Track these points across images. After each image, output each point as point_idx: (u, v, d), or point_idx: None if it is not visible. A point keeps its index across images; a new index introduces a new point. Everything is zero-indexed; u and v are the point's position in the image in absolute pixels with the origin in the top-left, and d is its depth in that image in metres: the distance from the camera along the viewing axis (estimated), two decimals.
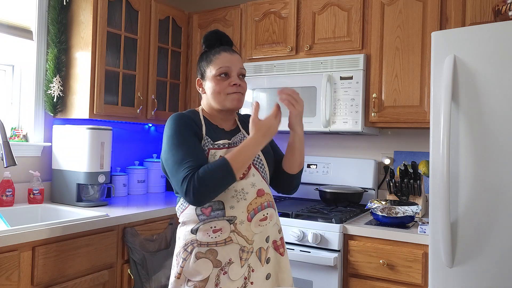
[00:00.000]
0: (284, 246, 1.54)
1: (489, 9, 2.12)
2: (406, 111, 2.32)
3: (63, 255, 1.86)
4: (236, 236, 1.40)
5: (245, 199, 1.42)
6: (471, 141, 1.71)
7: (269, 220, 1.47)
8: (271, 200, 1.50)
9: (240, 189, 1.42)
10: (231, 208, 1.41)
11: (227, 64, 1.48)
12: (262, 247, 1.45)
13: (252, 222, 1.42)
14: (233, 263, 1.40)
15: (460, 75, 1.74)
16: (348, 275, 2.13)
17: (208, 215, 1.42)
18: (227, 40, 1.56)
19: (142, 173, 2.96)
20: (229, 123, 1.56)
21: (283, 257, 1.52)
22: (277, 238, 1.51)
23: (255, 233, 1.43)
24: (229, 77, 1.48)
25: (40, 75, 2.49)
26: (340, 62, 2.47)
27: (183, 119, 1.45)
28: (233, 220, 1.40)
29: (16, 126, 2.49)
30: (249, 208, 1.42)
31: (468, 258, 1.71)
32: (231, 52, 1.51)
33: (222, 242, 1.40)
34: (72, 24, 2.50)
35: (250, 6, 2.81)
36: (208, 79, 1.50)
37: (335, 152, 2.90)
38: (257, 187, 1.45)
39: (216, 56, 1.49)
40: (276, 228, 1.51)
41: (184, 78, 3.08)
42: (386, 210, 2.12)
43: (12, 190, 2.22)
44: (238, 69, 1.49)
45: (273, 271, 1.49)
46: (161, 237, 2.33)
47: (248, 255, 1.42)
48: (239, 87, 1.48)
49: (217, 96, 1.48)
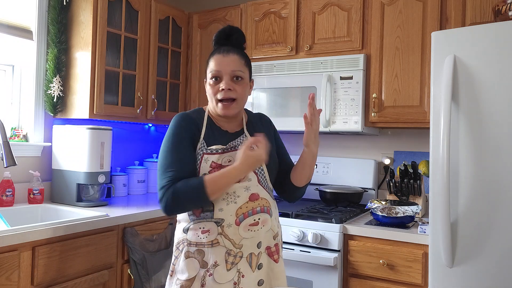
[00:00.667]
0: (279, 252, 1.51)
1: (489, 9, 2.12)
2: (406, 111, 2.32)
3: (63, 255, 1.86)
4: (223, 239, 1.39)
5: (235, 203, 1.40)
6: (471, 141, 1.71)
7: (261, 226, 1.43)
8: (266, 206, 1.46)
9: (232, 192, 1.41)
10: (220, 211, 1.40)
11: (217, 67, 1.44)
12: (253, 253, 1.43)
13: (241, 226, 1.40)
14: (218, 265, 1.39)
15: (460, 75, 1.74)
16: (348, 275, 2.13)
17: (198, 215, 1.42)
18: (237, 37, 1.50)
19: (142, 173, 2.96)
20: (233, 125, 1.53)
21: (277, 264, 1.49)
22: (271, 244, 1.48)
23: (244, 238, 1.40)
24: (220, 81, 1.45)
25: (40, 75, 2.49)
26: (340, 62, 2.47)
27: (183, 122, 1.45)
28: (220, 222, 1.39)
29: (16, 126, 2.49)
30: (238, 212, 1.40)
31: (468, 258, 1.71)
32: (225, 53, 1.45)
33: (209, 243, 1.40)
34: (72, 24, 2.50)
35: (250, 6, 2.81)
36: (206, 83, 1.51)
37: (335, 152, 2.90)
38: (250, 191, 1.43)
39: (210, 58, 1.48)
40: (270, 234, 1.47)
41: (184, 78, 3.08)
42: (386, 210, 2.12)
43: (12, 190, 2.22)
44: (230, 71, 1.44)
45: (266, 278, 1.46)
46: (161, 237, 2.33)
47: (236, 260, 1.40)
48: (229, 91, 1.43)
49: (210, 102, 1.49)
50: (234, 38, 1.50)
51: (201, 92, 3.00)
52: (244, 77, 1.47)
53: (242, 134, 1.52)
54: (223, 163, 1.42)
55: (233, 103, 1.45)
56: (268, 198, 1.48)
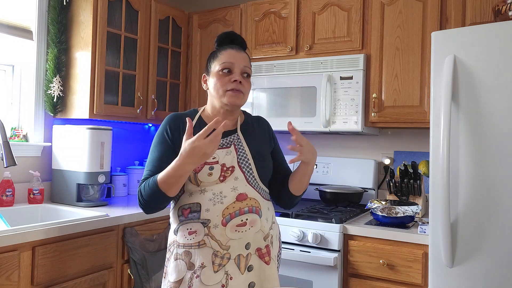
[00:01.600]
0: (270, 254, 1.47)
1: (489, 9, 2.12)
2: (406, 111, 2.32)
3: (63, 255, 1.86)
4: (210, 240, 1.38)
5: (222, 203, 1.39)
6: (471, 141, 1.71)
7: (249, 227, 1.40)
8: (255, 206, 1.43)
9: (219, 192, 1.39)
10: (206, 211, 1.38)
11: (231, 60, 1.46)
12: (241, 254, 1.40)
13: (227, 227, 1.38)
14: (205, 267, 1.37)
15: (460, 75, 1.74)
16: (348, 275, 2.13)
17: (186, 216, 1.41)
18: (240, 41, 1.54)
19: (142, 173, 2.96)
20: (229, 124, 1.53)
21: (268, 265, 1.45)
22: (262, 245, 1.44)
23: (231, 239, 1.38)
24: (231, 73, 1.45)
25: (40, 75, 2.49)
26: (340, 62, 2.47)
27: (170, 122, 1.47)
28: (207, 223, 1.38)
29: (16, 126, 2.49)
30: (224, 213, 1.38)
31: (468, 258, 1.71)
32: (238, 49, 1.49)
33: (196, 244, 1.39)
34: (72, 24, 2.50)
35: (250, 6, 2.81)
36: (211, 75, 1.49)
37: (335, 152, 2.90)
38: (238, 191, 1.41)
39: (222, 52, 1.48)
40: (260, 235, 1.44)
41: (184, 78, 3.08)
42: (386, 210, 2.12)
43: (12, 190, 2.22)
44: (242, 67, 1.46)
45: (258, 280, 1.43)
46: (161, 237, 2.33)
47: (223, 261, 1.38)
48: (239, 84, 1.44)
49: (217, 92, 1.46)
50: (238, 42, 1.53)
51: (201, 92, 3.00)
52: (250, 76, 1.51)
53: (235, 133, 1.51)
54: (208, 161, 1.41)
55: (242, 94, 1.47)
56: (258, 198, 1.45)
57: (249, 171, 1.46)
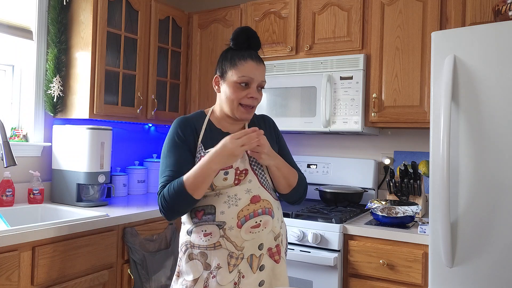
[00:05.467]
0: (280, 253, 1.50)
1: (489, 9, 2.12)
2: (406, 111, 2.32)
3: (63, 255, 1.86)
4: (225, 242, 1.40)
5: (237, 205, 1.40)
6: (471, 141, 1.71)
7: (263, 228, 1.43)
8: (268, 207, 1.45)
9: (233, 194, 1.41)
10: (221, 214, 1.40)
11: (251, 75, 1.44)
12: (254, 254, 1.43)
13: (242, 228, 1.40)
14: (221, 268, 1.40)
15: (460, 75, 1.74)
16: (348, 275, 2.13)
17: (200, 218, 1.42)
18: (256, 42, 1.50)
19: (142, 173, 2.97)
20: (236, 127, 1.54)
21: (278, 264, 1.49)
22: (273, 245, 1.48)
23: (246, 240, 1.41)
24: (248, 87, 1.45)
25: (40, 75, 2.49)
26: (340, 62, 2.47)
27: (180, 126, 1.47)
28: (222, 225, 1.40)
29: (16, 126, 2.49)
30: (239, 215, 1.40)
31: (468, 258, 1.71)
32: (257, 61, 1.47)
33: (211, 246, 1.40)
34: (72, 24, 2.50)
35: (250, 6, 2.81)
36: (227, 82, 1.46)
37: (335, 152, 2.90)
38: (252, 194, 1.43)
39: (241, 62, 1.44)
40: (271, 235, 1.47)
41: (184, 78, 3.08)
42: (386, 210, 2.12)
43: (12, 190, 2.22)
44: (260, 81, 1.47)
45: (267, 278, 1.46)
46: (161, 237, 2.33)
47: (237, 261, 1.40)
48: (254, 100, 1.47)
49: (230, 103, 1.46)
50: (254, 42, 1.49)
51: (201, 92, 3.00)
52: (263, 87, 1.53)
53: None
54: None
55: (253, 109, 1.50)
56: (270, 200, 1.48)
57: (261, 173, 1.48)
